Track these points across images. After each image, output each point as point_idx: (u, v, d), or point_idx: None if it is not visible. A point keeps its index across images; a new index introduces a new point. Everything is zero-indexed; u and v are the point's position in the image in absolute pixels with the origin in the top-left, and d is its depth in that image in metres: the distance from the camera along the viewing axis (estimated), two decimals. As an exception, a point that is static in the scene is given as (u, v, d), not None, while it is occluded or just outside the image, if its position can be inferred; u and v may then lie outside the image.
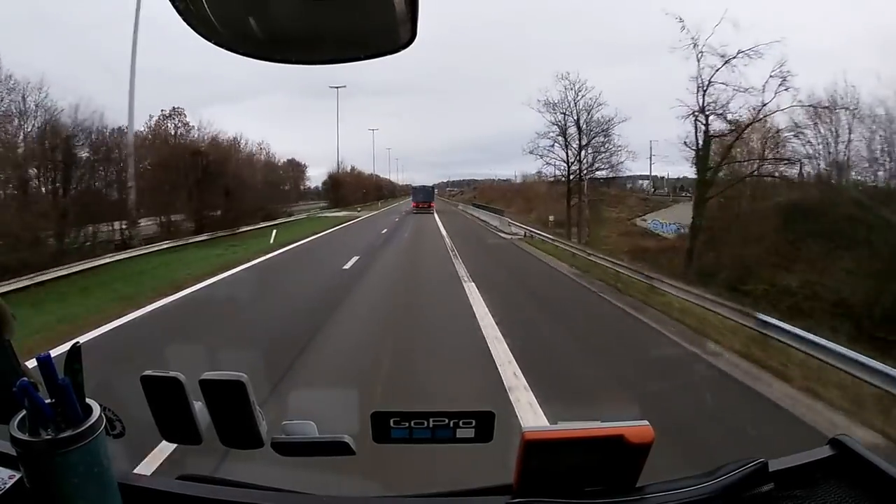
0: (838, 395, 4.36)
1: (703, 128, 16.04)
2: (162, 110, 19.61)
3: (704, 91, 16.00)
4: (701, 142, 16.22)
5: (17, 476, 0.62)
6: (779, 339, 5.52)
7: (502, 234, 19.22)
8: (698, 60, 15.84)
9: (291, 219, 26.77)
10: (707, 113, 16.09)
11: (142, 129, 18.15)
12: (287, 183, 33.69)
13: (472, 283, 8.96)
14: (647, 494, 0.66)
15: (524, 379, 4.42)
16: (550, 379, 4.51)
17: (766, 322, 5.82)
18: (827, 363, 4.77)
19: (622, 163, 20.55)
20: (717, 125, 16.22)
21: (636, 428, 0.63)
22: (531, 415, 3.74)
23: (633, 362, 5.22)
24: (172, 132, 19.64)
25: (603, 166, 20.79)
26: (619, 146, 20.01)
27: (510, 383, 4.36)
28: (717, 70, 15.69)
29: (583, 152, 20.41)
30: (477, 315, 6.80)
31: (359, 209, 38.47)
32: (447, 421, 0.72)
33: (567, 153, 20.64)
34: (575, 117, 20.33)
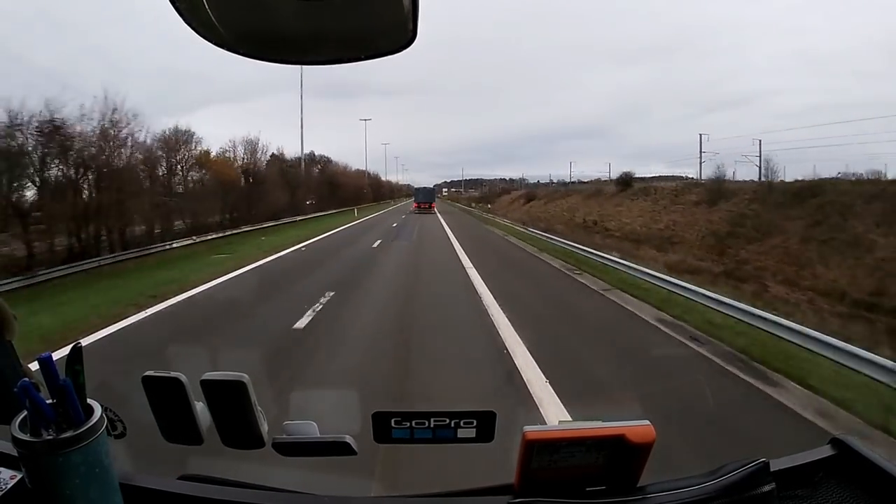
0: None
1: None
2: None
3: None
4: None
5: (19, 476, 0.62)
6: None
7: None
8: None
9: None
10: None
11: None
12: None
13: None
14: (648, 494, 0.66)
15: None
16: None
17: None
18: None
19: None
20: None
21: (637, 427, 0.63)
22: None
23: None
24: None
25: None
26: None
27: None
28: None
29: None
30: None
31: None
32: (448, 421, 0.72)
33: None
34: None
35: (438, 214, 34.32)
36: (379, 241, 16.28)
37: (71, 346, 0.60)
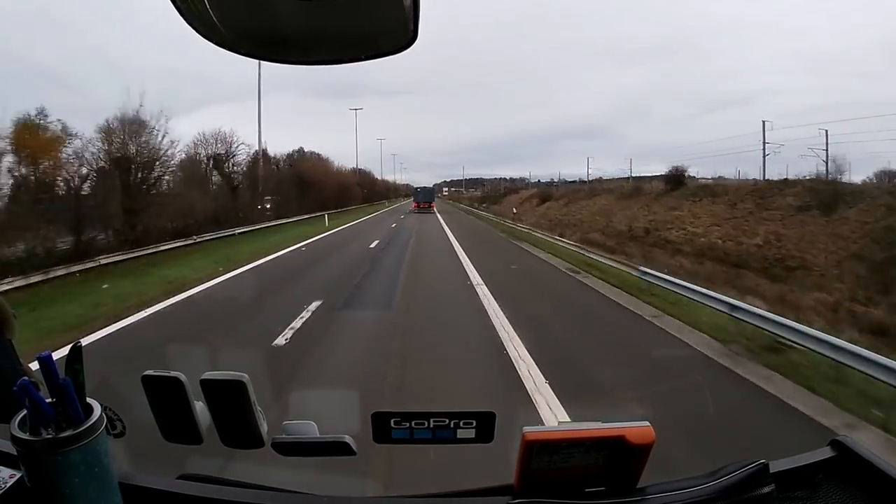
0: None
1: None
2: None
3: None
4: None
5: (18, 475, 0.62)
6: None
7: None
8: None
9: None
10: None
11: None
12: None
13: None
14: (648, 495, 0.65)
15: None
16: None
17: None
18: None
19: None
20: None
21: (637, 428, 0.63)
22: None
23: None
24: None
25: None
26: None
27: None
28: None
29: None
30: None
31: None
32: (448, 421, 0.72)
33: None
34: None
35: (442, 223, 26.41)
36: (317, 305, 6.93)
37: (71, 345, 0.60)
